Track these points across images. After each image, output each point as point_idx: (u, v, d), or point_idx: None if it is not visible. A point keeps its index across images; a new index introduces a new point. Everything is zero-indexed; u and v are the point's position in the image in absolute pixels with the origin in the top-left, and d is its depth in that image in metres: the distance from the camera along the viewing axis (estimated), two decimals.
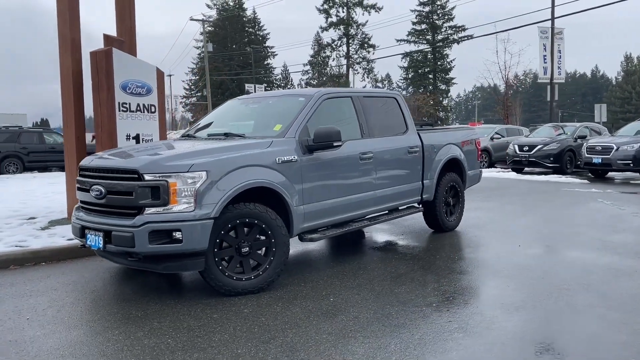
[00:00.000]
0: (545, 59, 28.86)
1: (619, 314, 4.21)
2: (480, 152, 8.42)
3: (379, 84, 66.23)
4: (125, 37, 8.95)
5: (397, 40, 61.05)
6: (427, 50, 62.51)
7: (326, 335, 3.88)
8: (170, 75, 49.01)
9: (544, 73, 29.22)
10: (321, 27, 61.44)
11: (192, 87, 71.33)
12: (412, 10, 61.33)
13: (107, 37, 8.68)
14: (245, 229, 4.89)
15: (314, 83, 65.86)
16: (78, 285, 5.28)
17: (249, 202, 4.94)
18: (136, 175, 4.56)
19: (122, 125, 8.27)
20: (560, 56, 29.22)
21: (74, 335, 3.98)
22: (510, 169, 17.94)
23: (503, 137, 20.21)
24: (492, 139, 19.82)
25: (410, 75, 64.34)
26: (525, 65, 56.83)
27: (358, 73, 61.04)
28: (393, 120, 6.94)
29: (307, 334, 3.92)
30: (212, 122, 6.40)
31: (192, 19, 44.76)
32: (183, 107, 72.99)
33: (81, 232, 4.97)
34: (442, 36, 61.94)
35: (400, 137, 6.76)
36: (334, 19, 60.42)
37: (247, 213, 4.82)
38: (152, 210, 4.50)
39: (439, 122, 56.07)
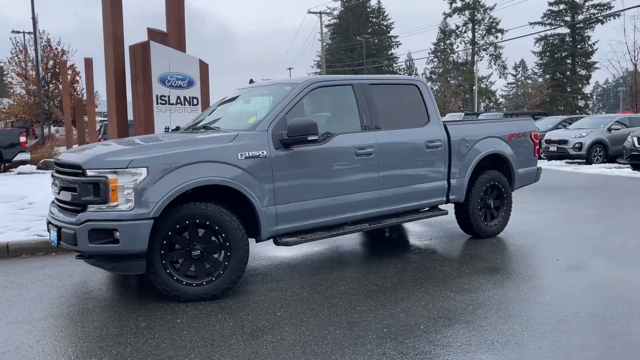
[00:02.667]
0: None
1: None
2: (537, 147, 7.23)
3: (507, 71, 62.13)
4: (174, 30, 8.99)
5: (531, 24, 56.69)
6: (564, 33, 57.33)
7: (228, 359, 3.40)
8: (290, 69, 50.16)
9: None
10: (445, 13, 59.06)
11: None
12: None
13: (150, 31, 8.78)
14: (200, 230, 4.53)
15: (439, 71, 63.66)
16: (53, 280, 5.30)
17: (203, 201, 4.59)
18: (80, 171, 4.40)
19: (160, 118, 8.31)
20: None
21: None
22: (629, 165, 15.64)
23: (626, 127, 17.67)
24: (609, 130, 17.41)
25: (544, 61, 59.49)
26: None
27: (481, 59, 57.76)
28: (410, 111, 6.14)
29: (211, 355, 3.47)
30: (210, 114, 6.09)
31: (310, 12, 45.19)
32: None
33: (47, 226, 4.95)
34: (582, 16, 56.37)
35: (417, 130, 5.95)
36: (459, 4, 57.72)
37: (197, 213, 4.45)
38: (94, 207, 4.30)
39: (577, 112, 51.21)
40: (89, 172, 4.33)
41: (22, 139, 15.38)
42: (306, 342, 3.63)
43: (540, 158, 18.65)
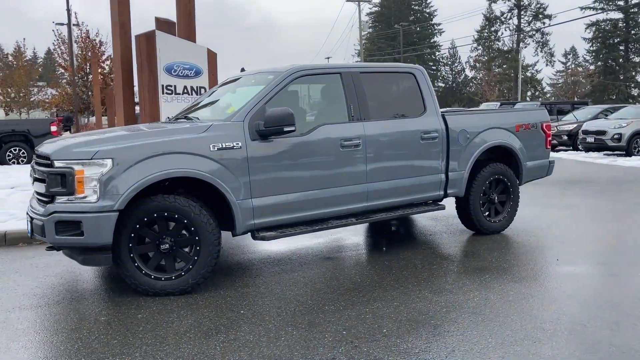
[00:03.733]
0: None
1: None
2: (550, 138, 6.80)
3: (556, 59, 59.86)
4: (183, 19, 8.94)
5: (581, 8, 54.32)
6: (617, 18, 54.73)
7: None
8: (328, 58, 49.68)
9: None
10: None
11: None
12: None
13: (157, 20, 8.75)
14: (170, 223, 4.43)
15: (482, 60, 62.00)
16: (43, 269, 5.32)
17: (180, 193, 4.50)
18: (49, 162, 4.36)
19: (166, 108, 8.28)
20: None
21: None
22: None
23: None
24: None
25: (595, 48, 57.02)
26: None
27: (526, 47, 55.80)
28: (405, 101, 5.86)
29: (155, 355, 3.36)
30: (197, 104, 5.97)
31: (347, 0, 44.63)
32: None
33: (27, 218, 4.95)
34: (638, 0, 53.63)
35: (411, 120, 5.66)
36: None
37: (165, 206, 4.35)
38: (63, 199, 4.25)
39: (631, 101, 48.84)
40: (57, 163, 4.28)
41: (53, 128, 15.75)
42: (258, 343, 3.47)
43: (555, 150, 17.95)
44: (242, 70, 6.19)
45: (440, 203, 5.97)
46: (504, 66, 57.29)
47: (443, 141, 5.81)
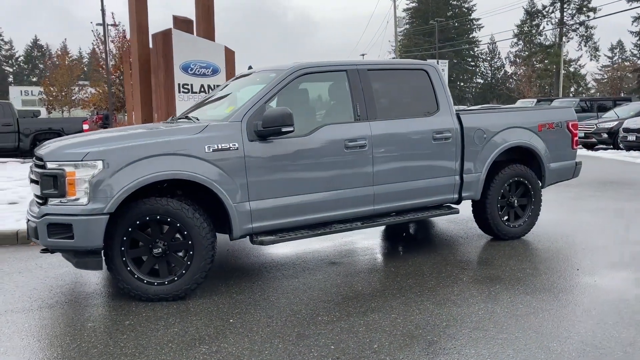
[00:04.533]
0: None
1: None
2: (576, 138, 6.39)
3: (601, 53, 57.75)
4: (203, 16, 8.87)
5: (628, 1, 52.20)
6: None
7: None
8: (363, 55, 49.20)
9: None
10: None
11: None
12: None
13: (175, 18, 8.72)
14: (165, 227, 4.31)
15: (523, 55, 60.40)
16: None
17: (174, 196, 4.38)
18: (42, 163, 4.29)
19: (182, 107, 8.21)
20: None
21: None
22: None
23: None
24: None
25: None
26: None
27: (569, 41, 54.00)
28: (416, 99, 5.58)
29: None
30: (202, 103, 5.84)
31: None
32: None
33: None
34: None
35: (422, 120, 5.38)
36: None
37: (158, 209, 4.22)
38: (55, 201, 4.18)
39: None
40: (49, 165, 4.21)
41: (85, 126, 16.02)
42: (240, 356, 3.30)
43: (594, 148, 17.12)
44: (250, 68, 6.02)
45: (454, 206, 5.67)
46: (545, 61, 55.65)
47: (457, 141, 5.51)
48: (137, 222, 4.22)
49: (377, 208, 5.14)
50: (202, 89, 8.42)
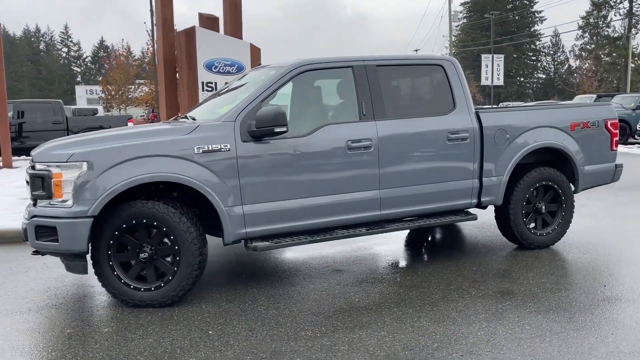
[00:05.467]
0: None
1: None
2: (616, 139, 5.81)
3: None
4: (230, 14, 8.75)
5: None
6: None
7: None
8: (416, 50, 48.14)
9: None
10: None
11: None
12: None
13: (201, 15, 8.63)
14: (153, 230, 4.16)
15: (589, 48, 57.53)
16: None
17: (164, 198, 4.22)
18: (33, 164, 4.24)
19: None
20: None
21: None
22: None
23: None
24: None
25: None
26: None
27: (639, 33, 50.83)
28: (431, 97, 5.22)
29: None
30: (206, 101, 5.66)
31: None
32: None
33: None
34: None
35: (436, 119, 4.99)
36: None
37: (144, 213, 4.07)
38: (43, 203, 4.11)
39: None
40: (37, 166, 4.15)
41: (130, 124, 16.35)
42: None
43: None
44: (259, 64, 5.79)
45: (472, 212, 5.25)
46: (613, 54, 52.75)
47: (476, 142, 5.09)
48: (124, 226, 4.08)
49: (384, 213, 4.81)
50: None
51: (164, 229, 4.10)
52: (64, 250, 4.01)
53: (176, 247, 4.12)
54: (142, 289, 4.15)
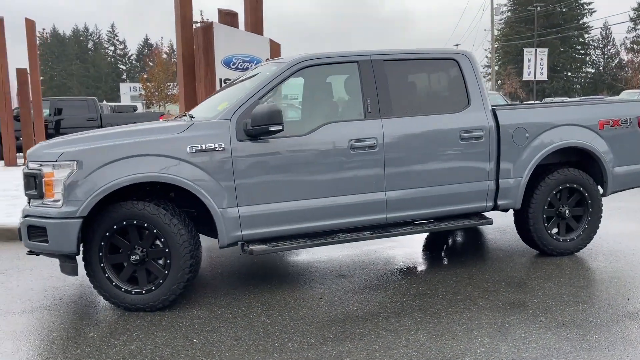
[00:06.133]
0: None
1: None
2: None
3: None
4: (250, 9, 8.60)
5: None
6: None
7: None
8: (457, 45, 46.85)
9: None
10: None
11: (496, 55, 67.23)
12: None
13: (220, 11, 8.51)
14: (145, 232, 4.04)
15: None
16: None
17: (156, 198, 4.10)
18: (27, 163, 4.18)
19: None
20: None
21: None
22: None
23: None
24: None
25: None
26: None
27: None
28: (443, 92, 4.93)
29: None
30: (210, 98, 5.51)
31: None
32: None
33: None
34: None
35: (448, 116, 4.69)
36: None
37: (135, 214, 3.95)
38: (36, 202, 4.05)
39: None
40: (30, 164, 4.10)
41: (160, 121, 16.50)
42: None
43: None
44: (267, 60, 5.61)
45: (486, 216, 4.93)
46: None
47: (492, 141, 4.77)
48: (115, 227, 3.97)
49: (391, 216, 4.55)
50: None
51: (155, 230, 3.97)
52: (54, 251, 3.93)
53: (167, 250, 3.99)
54: (133, 292, 4.03)
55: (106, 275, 4.02)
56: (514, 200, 4.91)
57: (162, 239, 3.98)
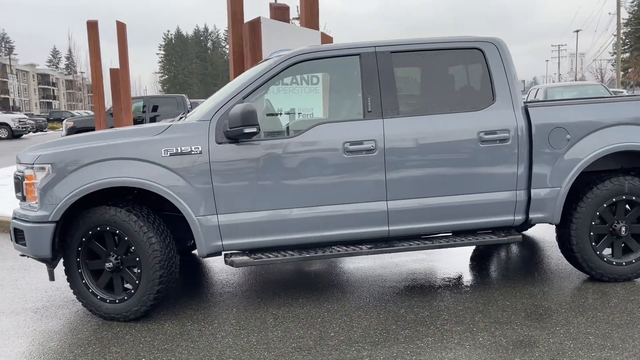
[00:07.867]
0: None
1: None
2: None
3: None
4: (305, 4, 8.30)
5: None
6: None
7: None
8: (577, 31, 42.85)
9: None
10: None
11: (627, 41, 60.99)
12: None
13: (271, 6, 8.27)
14: (123, 238, 3.87)
15: None
16: None
17: (133, 204, 3.92)
18: None
19: (272, 100, 7.75)
20: None
21: None
22: None
23: None
24: None
25: None
26: None
27: None
28: (463, 88, 4.26)
29: None
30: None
31: None
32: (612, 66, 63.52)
33: None
34: None
35: (465, 115, 4.02)
36: None
37: (106, 220, 3.79)
38: (23, 204, 4.04)
39: None
40: (17, 167, 4.09)
41: None
42: None
43: None
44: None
45: (516, 231, 4.20)
46: None
47: (522, 144, 4.02)
48: (90, 233, 3.85)
49: (394, 229, 4.00)
50: (294, 81, 7.80)
51: (125, 237, 3.78)
52: (31, 254, 3.89)
53: (137, 259, 3.78)
54: (108, 301, 3.89)
55: (83, 281, 3.91)
56: (550, 214, 4.12)
57: (133, 248, 3.79)
